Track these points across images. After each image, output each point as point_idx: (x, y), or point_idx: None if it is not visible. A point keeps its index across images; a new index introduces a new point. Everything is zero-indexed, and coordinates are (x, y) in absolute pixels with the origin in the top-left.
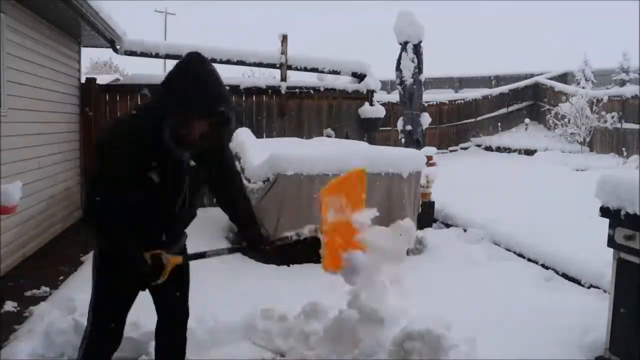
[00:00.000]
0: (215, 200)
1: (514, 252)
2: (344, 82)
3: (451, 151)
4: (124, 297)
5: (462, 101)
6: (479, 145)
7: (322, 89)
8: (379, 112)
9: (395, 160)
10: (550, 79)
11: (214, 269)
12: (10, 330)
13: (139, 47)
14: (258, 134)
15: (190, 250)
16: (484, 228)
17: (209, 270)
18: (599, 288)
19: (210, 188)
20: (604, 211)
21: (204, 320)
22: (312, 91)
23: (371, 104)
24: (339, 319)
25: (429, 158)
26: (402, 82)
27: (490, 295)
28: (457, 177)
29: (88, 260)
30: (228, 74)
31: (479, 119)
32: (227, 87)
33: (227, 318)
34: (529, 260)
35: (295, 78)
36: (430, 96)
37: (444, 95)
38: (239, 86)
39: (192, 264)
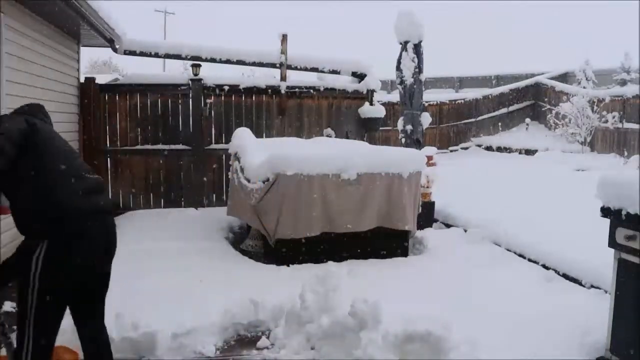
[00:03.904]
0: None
1: (515, 253)
2: (344, 82)
3: (451, 151)
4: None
5: (463, 101)
6: (479, 145)
7: (322, 89)
8: (379, 111)
9: (395, 160)
10: (551, 78)
11: (213, 268)
12: (9, 330)
13: (138, 47)
14: (258, 134)
15: (193, 249)
16: (485, 228)
17: (208, 270)
18: (599, 288)
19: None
20: (605, 211)
21: (204, 319)
22: (312, 91)
23: (371, 104)
24: (340, 320)
25: (429, 158)
26: (402, 82)
27: (490, 296)
28: (458, 177)
29: None
30: (228, 74)
31: (479, 118)
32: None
33: (227, 318)
34: (530, 260)
35: (295, 78)
36: (431, 96)
37: (444, 95)
38: (238, 86)
39: (191, 263)
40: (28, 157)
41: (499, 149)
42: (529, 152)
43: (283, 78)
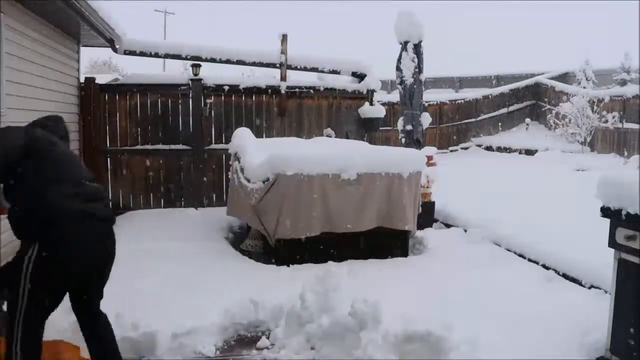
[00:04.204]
0: None
1: (515, 253)
2: (343, 82)
3: (451, 151)
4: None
5: (463, 101)
6: (479, 145)
7: (322, 89)
8: (379, 111)
9: (395, 160)
10: (551, 78)
11: (213, 269)
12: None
13: (138, 47)
14: (258, 134)
15: (192, 249)
16: (485, 228)
17: (208, 270)
18: (599, 288)
19: None
20: (605, 211)
21: (203, 319)
22: (312, 91)
23: (371, 104)
24: (340, 320)
25: (429, 158)
26: (402, 82)
27: (490, 296)
28: (458, 177)
29: None
30: (228, 74)
31: (479, 118)
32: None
33: (227, 318)
34: (530, 260)
35: (295, 78)
36: (431, 96)
37: (444, 95)
38: (238, 86)
39: (191, 263)
40: (27, 162)
41: (499, 149)
42: (529, 152)
43: (283, 78)
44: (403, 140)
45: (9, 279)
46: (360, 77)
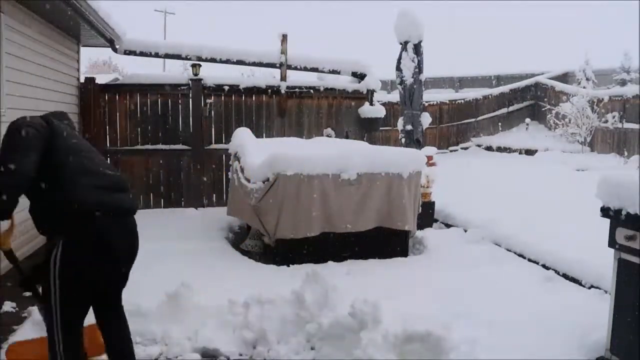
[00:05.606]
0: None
1: (515, 253)
2: (343, 82)
3: (451, 151)
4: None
5: (463, 101)
6: (479, 145)
7: (322, 89)
8: (379, 111)
9: (395, 160)
10: (551, 78)
11: (213, 268)
12: (9, 330)
13: (138, 47)
14: (258, 134)
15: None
16: (485, 228)
17: (207, 270)
18: (599, 288)
19: None
20: (605, 211)
21: (202, 319)
22: (312, 91)
23: (371, 104)
24: (340, 320)
25: (429, 158)
26: (402, 82)
27: (490, 296)
28: (458, 177)
29: None
30: (228, 74)
31: (479, 118)
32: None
33: (226, 318)
34: (530, 260)
35: (295, 78)
36: (431, 96)
37: (444, 95)
38: (238, 86)
39: (191, 263)
40: (46, 155)
41: (499, 149)
42: (529, 152)
43: (283, 78)
44: (403, 140)
45: (40, 281)
46: (360, 77)
